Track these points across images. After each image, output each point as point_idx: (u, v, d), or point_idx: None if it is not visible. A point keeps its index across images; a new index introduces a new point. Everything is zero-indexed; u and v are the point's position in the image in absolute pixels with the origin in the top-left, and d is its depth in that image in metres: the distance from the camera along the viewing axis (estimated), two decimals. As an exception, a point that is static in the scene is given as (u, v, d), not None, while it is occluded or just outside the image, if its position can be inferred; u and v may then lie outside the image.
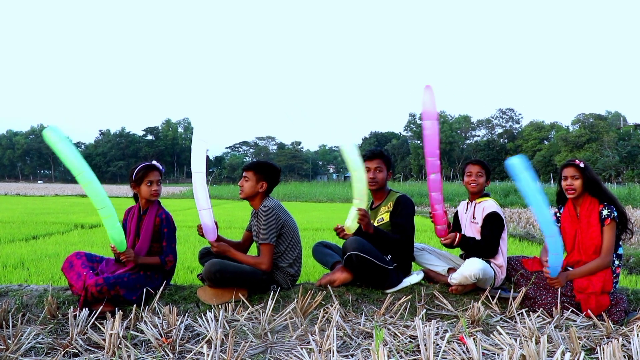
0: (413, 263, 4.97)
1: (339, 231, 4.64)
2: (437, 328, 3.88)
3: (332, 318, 3.90)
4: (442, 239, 4.65)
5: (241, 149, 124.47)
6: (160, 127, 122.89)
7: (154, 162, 4.70)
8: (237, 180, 4.75)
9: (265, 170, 4.66)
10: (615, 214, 4.37)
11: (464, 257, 4.92)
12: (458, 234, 4.63)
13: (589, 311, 4.15)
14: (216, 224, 4.50)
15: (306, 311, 4.17)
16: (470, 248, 4.66)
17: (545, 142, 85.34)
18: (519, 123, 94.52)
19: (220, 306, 4.28)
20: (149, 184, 4.55)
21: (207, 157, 4.42)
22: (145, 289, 4.33)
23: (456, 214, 5.07)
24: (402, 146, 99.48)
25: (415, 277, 4.76)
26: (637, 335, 3.41)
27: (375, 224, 4.77)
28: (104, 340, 3.45)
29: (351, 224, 4.49)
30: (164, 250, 4.52)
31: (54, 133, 3.91)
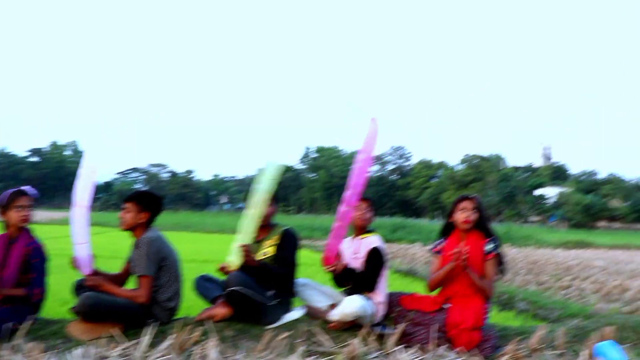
0: (295, 299, 4.97)
1: (223, 270, 4.61)
2: (315, 365, 3.88)
3: (208, 354, 3.82)
4: (329, 267, 4.70)
5: (132, 176, 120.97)
6: (46, 149, 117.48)
7: (24, 187, 4.47)
8: None
9: (147, 200, 4.54)
10: (498, 250, 4.58)
11: (346, 293, 4.96)
12: (343, 263, 4.70)
13: (461, 347, 4.29)
14: (93, 256, 4.33)
15: (183, 347, 4.06)
16: (352, 279, 4.73)
17: (433, 180, 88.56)
18: (409, 161, 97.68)
19: (91, 342, 4.08)
20: (18, 209, 4.31)
21: (97, 187, 4.28)
22: (8, 325, 4.06)
23: (339, 250, 5.13)
24: (296, 179, 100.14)
25: (296, 314, 4.76)
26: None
27: (260, 257, 4.75)
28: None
29: (234, 259, 4.46)
30: (32, 283, 4.28)
31: None
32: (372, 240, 4.82)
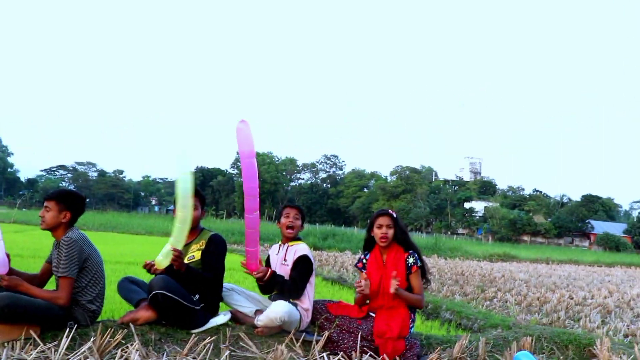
0: (221, 303, 4.93)
1: (148, 267, 4.52)
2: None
3: (130, 358, 3.74)
4: (254, 273, 4.68)
5: (58, 173, 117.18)
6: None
7: None
8: None
9: (69, 199, 4.40)
10: (419, 262, 4.67)
11: (271, 298, 4.96)
12: (270, 270, 4.70)
13: (385, 355, 4.35)
14: (8, 256, 4.16)
15: (104, 350, 3.96)
16: (278, 285, 4.73)
17: (365, 190, 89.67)
18: (342, 169, 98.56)
19: (6, 344, 3.93)
20: None
21: (18, 178, 4.12)
22: None
23: (268, 256, 5.12)
24: (228, 183, 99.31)
25: (222, 318, 4.72)
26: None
27: (186, 261, 4.68)
28: None
29: (162, 260, 4.38)
30: None
31: None
32: (300, 248, 4.84)
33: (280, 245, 5.05)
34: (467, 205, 78.39)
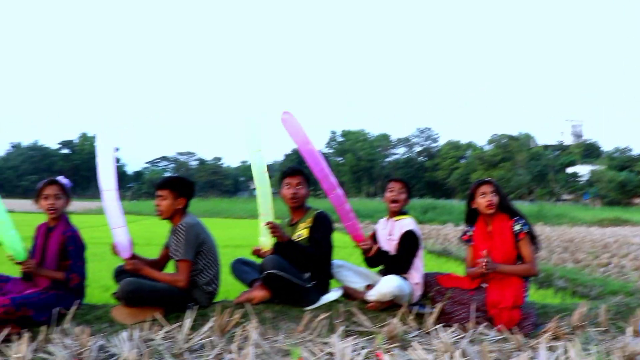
0: (332, 280, 5.00)
1: (257, 253, 4.65)
2: (355, 345, 3.91)
3: (250, 336, 3.87)
4: (360, 243, 4.70)
5: (161, 164, 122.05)
6: (76, 141, 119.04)
7: (57, 177, 4.54)
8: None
9: (181, 186, 4.58)
10: (527, 227, 4.55)
11: (382, 273, 4.98)
12: (376, 245, 4.71)
13: (501, 325, 4.28)
14: (131, 241, 4.39)
15: (224, 329, 4.12)
16: (385, 261, 4.74)
17: (462, 161, 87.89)
18: (436, 142, 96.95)
19: (135, 325, 4.16)
20: (46, 198, 4.39)
21: (125, 172, 4.33)
22: (56, 310, 4.17)
23: (374, 231, 5.13)
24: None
25: (333, 294, 4.79)
26: (544, 347, 3.55)
27: (294, 239, 4.77)
28: (10, 363, 3.30)
29: (265, 240, 4.50)
30: (69, 269, 4.36)
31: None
32: (406, 223, 4.81)
33: (386, 220, 5.05)
34: (570, 170, 75.31)
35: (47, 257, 4.36)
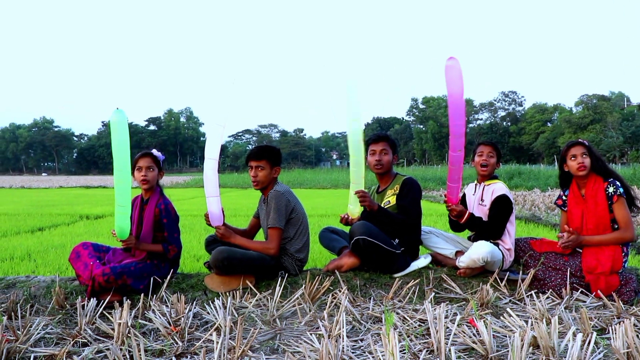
0: (421, 246, 4.95)
1: (344, 221, 4.64)
2: (447, 311, 3.87)
3: (340, 303, 3.89)
4: (452, 205, 4.58)
5: (244, 137, 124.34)
6: (162, 117, 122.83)
7: (153, 150, 4.66)
8: (241, 169, 4.64)
9: (276, 155, 4.61)
10: (621, 190, 4.32)
11: (471, 239, 4.89)
12: (467, 212, 4.60)
13: (598, 291, 4.12)
14: (223, 211, 4.47)
15: (314, 297, 4.15)
16: (477, 227, 4.64)
17: (549, 124, 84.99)
18: (521, 105, 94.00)
19: (228, 293, 4.27)
20: (139, 170, 4.52)
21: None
22: (152, 278, 4.32)
23: (464, 195, 5.03)
24: (405, 131, 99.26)
25: (423, 261, 4.74)
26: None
27: (383, 206, 4.74)
28: (113, 329, 3.44)
29: (354, 207, 4.48)
30: (166, 240, 4.50)
31: (118, 118, 3.91)
32: (498, 188, 4.68)
33: (476, 184, 4.94)
34: (667, 130, 71.54)
35: (143, 229, 4.50)
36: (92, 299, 3.94)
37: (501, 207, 4.61)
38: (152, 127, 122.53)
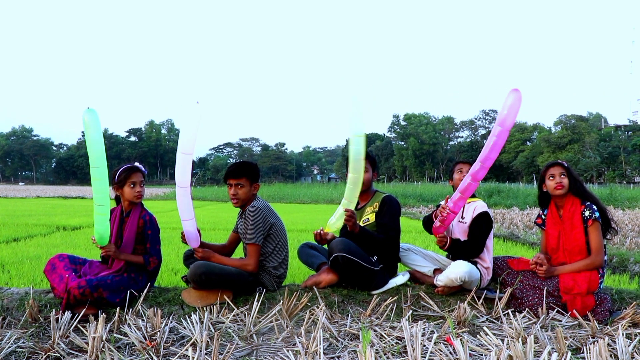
0: (399, 264, 4.96)
1: (319, 237, 4.62)
2: (424, 329, 3.87)
3: (318, 319, 3.88)
4: (438, 237, 4.60)
5: (225, 150, 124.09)
6: (143, 129, 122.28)
7: (136, 163, 4.64)
8: (221, 182, 4.60)
9: (255, 172, 4.61)
10: (597, 214, 4.38)
11: (450, 257, 4.91)
12: (449, 239, 4.63)
13: (574, 311, 4.15)
14: (199, 231, 4.45)
15: (292, 313, 4.14)
16: (458, 250, 4.66)
17: (528, 143, 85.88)
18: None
19: (205, 308, 4.24)
20: (132, 185, 4.50)
21: (193, 161, 4.35)
22: (129, 291, 4.28)
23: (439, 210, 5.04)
24: (386, 147, 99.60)
25: (401, 278, 4.75)
26: (622, 334, 3.43)
27: (361, 224, 4.75)
28: (87, 343, 3.40)
29: (335, 222, 4.46)
30: (148, 252, 4.48)
31: (91, 117, 3.85)
32: (479, 205, 4.73)
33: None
34: (643, 151, 72.56)
35: (123, 241, 4.47)
36: (66, 312, 3.89)
37: (483, 224, 4.65)
38: (132, 138, 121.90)
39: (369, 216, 4.78)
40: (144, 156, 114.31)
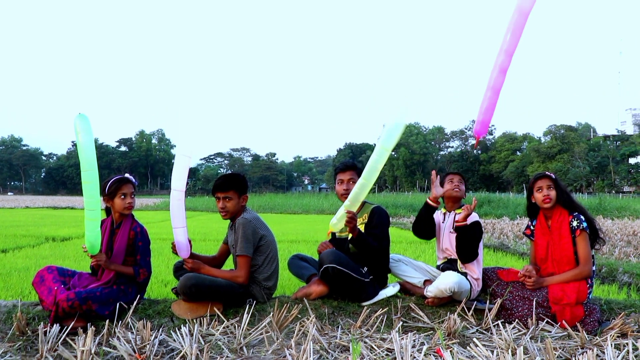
0: (389, 275, 4.96)
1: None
2: (414, 341, 3.87)
3: (308, 332, 3.87)
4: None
5: (216, 160, 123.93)
6: (133, 139, 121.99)
7: (126, 175, 4.63)
8: (211, 192, 4.55)
9: (243, 184, 4.62)
10: (585, 224, 4.41)
11: (440, 268, 4.92)
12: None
13: (563, 322, 4.17)
14: (190, 241, 4.45)
15: (282, 325, 4.13)
16: (454, 265, 4.71)
17: (518, 153, 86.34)
18: (492, 134, 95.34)
19: (195, 320, 4.22)
20: (123, 197, 4.49)
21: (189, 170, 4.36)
22: (118, 304, 4.26)
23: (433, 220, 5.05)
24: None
25: (391, 290, 4.75)
26: (611, 345, 3.44)
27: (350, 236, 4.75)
28: (75, 357, 3.38)
29: (336, 223, 4.44)
30: (138, 264, 4.46)
31: (82, 122, 3.86)
32: (471, 215, 4.74)
33: (445, 213, 4.98)
34: (632, 160, 73.07)
35: (114, 253, 4.45)
36: (55, 325, 3.86)
37: (477, 233, 4.67)
38: (123, 148, 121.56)
39: (358, 227, 4.78)
40: (135, 166, 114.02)
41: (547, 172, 4.62)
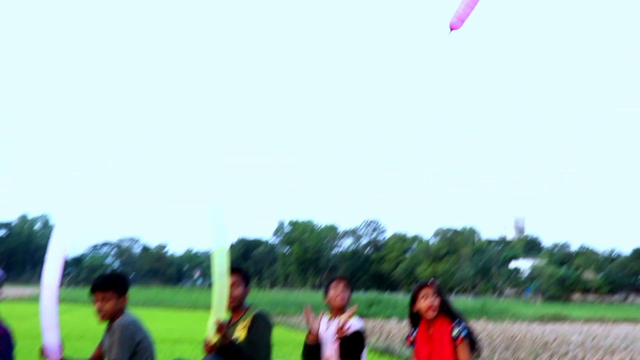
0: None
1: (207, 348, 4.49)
2: None
3: None
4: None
5: (102, 250, 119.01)
6: (14, 223, 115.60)
7: None
8: None
9: (123, 284, 4.43)
10: (465, 332, 4.49)
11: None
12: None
13: None
14: (61, 343, 4.17)
15: None
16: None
17: (408, 254, 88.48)
18: (383, 234, 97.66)
19: None
20: None
21: (66, 260, 4.14)
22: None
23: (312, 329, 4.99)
24: (270, 253, 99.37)
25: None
26: None
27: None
28: None
29: (213, 337, 4.32)
30: None
31: None
32: (354, 323, 4.71)
33: (329, 319, 4.93)
34: (513, 264, 76.70)
35: None
36: None
37: (356, 344, 4.63)
38: (2, 232, 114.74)
39: (240, 333, 4.65)
40: (13, 252, 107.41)
41: (431, 280, 4.69)
